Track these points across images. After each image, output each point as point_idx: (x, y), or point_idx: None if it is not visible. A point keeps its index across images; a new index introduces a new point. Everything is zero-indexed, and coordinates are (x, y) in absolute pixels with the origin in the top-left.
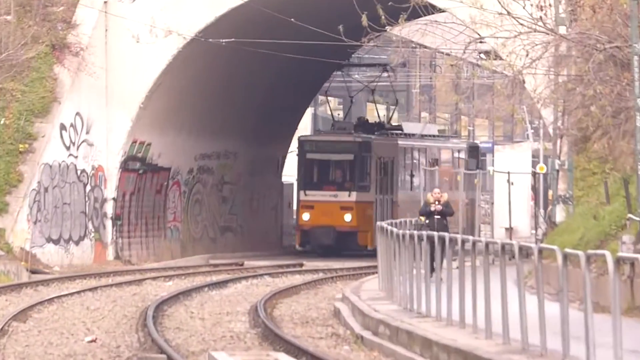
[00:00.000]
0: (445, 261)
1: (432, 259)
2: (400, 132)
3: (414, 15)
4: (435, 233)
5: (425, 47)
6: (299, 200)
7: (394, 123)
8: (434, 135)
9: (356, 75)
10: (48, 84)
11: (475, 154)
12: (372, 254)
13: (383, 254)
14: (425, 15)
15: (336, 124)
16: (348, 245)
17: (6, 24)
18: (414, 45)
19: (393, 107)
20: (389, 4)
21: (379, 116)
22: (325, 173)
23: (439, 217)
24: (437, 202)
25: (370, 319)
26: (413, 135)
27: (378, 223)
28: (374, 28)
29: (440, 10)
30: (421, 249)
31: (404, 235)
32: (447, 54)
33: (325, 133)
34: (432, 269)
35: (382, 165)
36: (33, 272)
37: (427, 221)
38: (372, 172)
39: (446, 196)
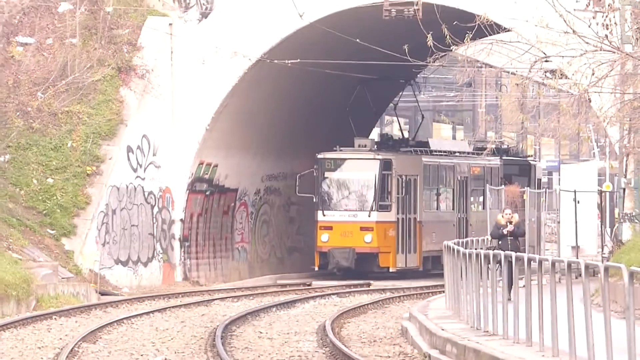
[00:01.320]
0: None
1: (510, 279)
2: (425, 148)
3: (479, 34)
4: (502, 252)
5: (491, 66)
6: (316, 221)
7: (448, 140)
8: (465, 152)
9: (422, 95)
10: (114, 106)
11: (527, 172)
12: (394, 277)
13: (450, 273)
14: (490, 34)
15: (357, 141)
16: (369, 267)
17: (72, 47)
18: (479, 65)
19: (460, 126)
20: (454, 23)
21: (402, 133)
22: (344, 192)
23: (511, 238)
24: (508, 223)
25: (438, 338)
26: (440, 151)
27: (444, 242)
28: (439, 48)
29: (506, 30)
30: (487, 269)
31: (470, 255)
32: (513, 73)
33: (345, 150)
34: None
35: (405, 184)
36: (102, 293)
37: (500, 242)
38: (393, 191)
39: (517, 217)
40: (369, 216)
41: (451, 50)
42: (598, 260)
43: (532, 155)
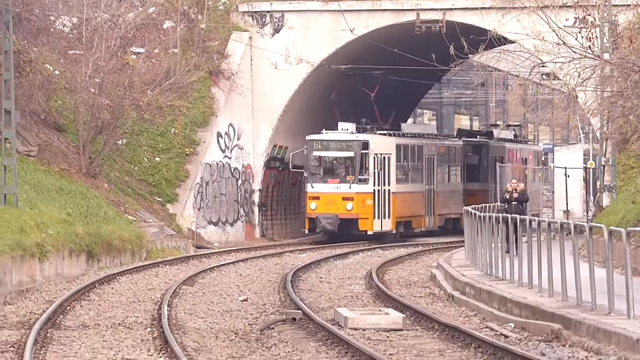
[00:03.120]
0: (517, 237)
1: (508, 237)
2: (398, 131)
3: (490, 45)
4: (509, 215)
5: (499, 70)
6: (306, 192)
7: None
8: (433, 134)
9: (446, 93)
10: (207, 101)
11: (479, 150)
12: (371, 238)
13: (468, 231)
14: (499, 45)
15: (340, 125)
16: (350, 231)
17: (174, 55)
18: (490, 69)
19: (475, 117)
20: (471, 37)
21: (379, 119)
22: (329, 168)
23: (515, 203)
24: (514, 191)
25: (459, 282)
26: (411, 134)
27: (464, 207)
28: (459, 56)
29: (511, 41)
30: (498, 228)
31: (484, 217)
32: (517, 76)
33: (330, 133)
34: (508, 244)
35: (380, 161)
36: (198, 247)
37: (506, 206)
38: (370, 167)
39: (522, 185)
40: (350, 188)
41: (468, 57)
42: (584, 222)
43: (533, 140)
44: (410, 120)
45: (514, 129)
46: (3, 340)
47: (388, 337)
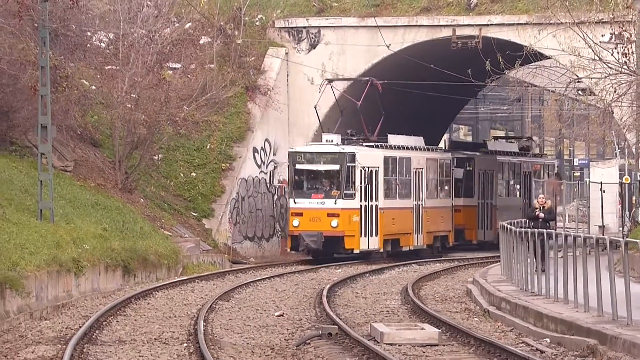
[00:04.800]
0: (551, 252)
1: (542, 253)
2: (385, 143)
3: (526, 61)
4: (543, 231)
5: (535, 85)
6: (288, 208)
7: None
8: (421, 147)
9: (481, 108)
10: (243, 117)
11: (462, 164)
12: (357, 257)
13: (504, 247)
14: (535, 61)
15: (325, 136)
16: (335, 249)
17: (210, 71)
18: (526, 85)
19: (511, 132)
20: (507, 52)
21: (366, 129)
22: (313, 182)
23: (542, 220)
24: (542, 207)
25: (495, 297)
26: (398, 146)
27: (500, 223)
28: (495, 71)
29: (547, 57)
30: (534, 244)
31: (520, 233)
32: (552, 91)
33: (314, 145)
34: (542, 260)
35: (367, 174)
36: (234, 262)
37: (533, 224)
38: (357, 181)
39: (550, 202)
40: (335, 203)
41: (504, 73)
42: (619, 237)
43: (569, 155)
44: (445, 136)
45: (518, 142)
46: (40, 355)
47: (424, 352)
